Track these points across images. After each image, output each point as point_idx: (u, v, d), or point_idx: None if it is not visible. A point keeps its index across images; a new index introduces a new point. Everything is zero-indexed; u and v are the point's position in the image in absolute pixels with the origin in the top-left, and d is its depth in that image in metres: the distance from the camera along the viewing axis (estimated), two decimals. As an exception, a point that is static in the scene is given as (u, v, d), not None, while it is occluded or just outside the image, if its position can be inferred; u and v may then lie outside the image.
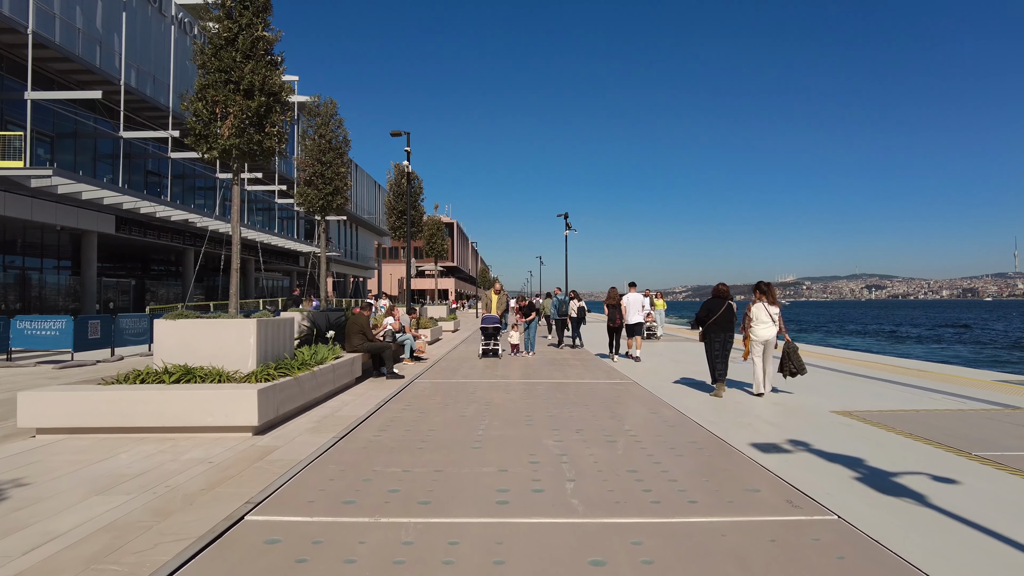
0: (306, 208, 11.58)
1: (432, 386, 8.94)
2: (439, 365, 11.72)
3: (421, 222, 21.05)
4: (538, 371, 10.78)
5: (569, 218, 30.30)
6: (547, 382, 9.36)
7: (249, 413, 5.67)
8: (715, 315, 8.14)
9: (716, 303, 8.29)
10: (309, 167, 11.47)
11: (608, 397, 7.96)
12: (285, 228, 44.41)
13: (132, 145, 26.42)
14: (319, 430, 6.00)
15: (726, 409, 7.25)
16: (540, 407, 7.17)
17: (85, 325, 12.87)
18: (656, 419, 6.52)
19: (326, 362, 7.93)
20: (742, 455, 4.99)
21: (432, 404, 7.39)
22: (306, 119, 11.80)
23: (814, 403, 7.56)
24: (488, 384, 9.12)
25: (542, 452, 5.03)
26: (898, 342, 42.90)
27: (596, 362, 12.34)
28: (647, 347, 15.63)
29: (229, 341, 6.57)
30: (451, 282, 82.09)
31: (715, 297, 8.38)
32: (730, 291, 8.46)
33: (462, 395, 8.08)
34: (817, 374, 10.33)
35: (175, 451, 5.13)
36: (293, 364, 7.00)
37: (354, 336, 9.47)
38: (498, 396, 7.98)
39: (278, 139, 7.29)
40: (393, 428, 6.01)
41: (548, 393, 8.25)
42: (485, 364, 11.77)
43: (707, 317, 8.22)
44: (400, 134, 15.56)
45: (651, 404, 7.47)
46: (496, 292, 13.52)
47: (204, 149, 7.04)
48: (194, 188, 33.51)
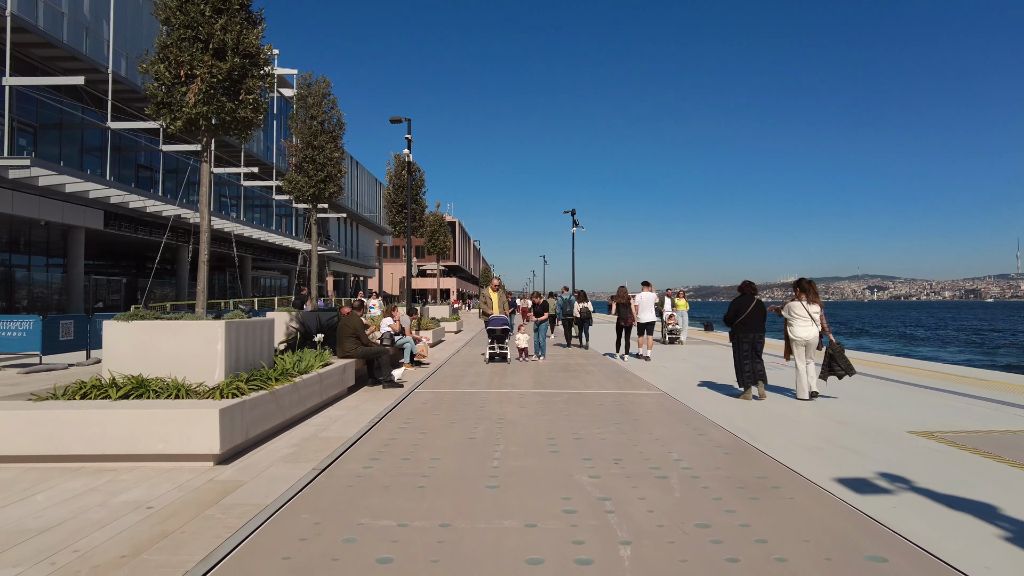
0: (295, 197, 10.48)
1: (435, 397, 7.84)
2: (442, 371, 10.62)
3: (422, 217, 19.92)
4: (552, 379, 9.67)
5: (575, 215, 29.18)
6: (565, 392, 8.25)
7: (209, 438, 4.57)
8: (744, 313, 7.57)
9: (745, 300, 7.70)
10: (299, 152, 10.37)
11: (639, 412, 6.84)
12: (284, 225, 43.38)
13: (122, 137, 25.39)
14: (297, 458, 4.90)
15: (779, 425, 6.16)
16: (562, 425, 6.06)
17: (56, 326, 11.79)
18: (705, 442, 5.41)
19: (312, 371, 6.84)
20: (835, 498, 3.88)
21: (435, 421, 6.28)
22: (297, 101, 10.69)
23: (877, 418, 6.45)
24: (498, 395, 8.02)
25: (577, 494, 3.92)
26: (920, 343, 41.57)
27: (611, 366, 11.23)
28: (669, 352, 14.52)
29: (192, 347, 5.47)
30: (453, 281, 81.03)
31: (743, 294, 7.79)
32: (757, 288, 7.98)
33: (470, 409, 6.98)
34: (858, 381, 9.23)
35: (111, 489, 4.03)
36: (271, 374, 5.91)
37: (346, 340, 8.37)
38: (511, 411, 6.88)
39: (254, 108, 6.19)
40: (388, 455, 4.91)
41: (568, 407, 7.14)
42: (493, 370, 10.66)
43: (736, 316, 7.63)
44: (400, 121, 14.46)
45: (691, 420, 6.36)
46: (494, 289, 11.98)
47: (167, 119, 5.95)
48: (189, 183, 32.42)
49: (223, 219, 30.77)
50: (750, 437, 5.59)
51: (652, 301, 12.54)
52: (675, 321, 16.64)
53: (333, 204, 46.83)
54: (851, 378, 7.67)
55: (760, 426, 6.17)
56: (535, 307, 12.69)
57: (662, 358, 12.91)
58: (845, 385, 9.06)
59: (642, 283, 12.89)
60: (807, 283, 7.72)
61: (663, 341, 16.42)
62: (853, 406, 7.26)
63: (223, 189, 35.16)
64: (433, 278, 59.83)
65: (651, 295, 12.59)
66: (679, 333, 16.65)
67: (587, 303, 15.62)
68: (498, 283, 12.18)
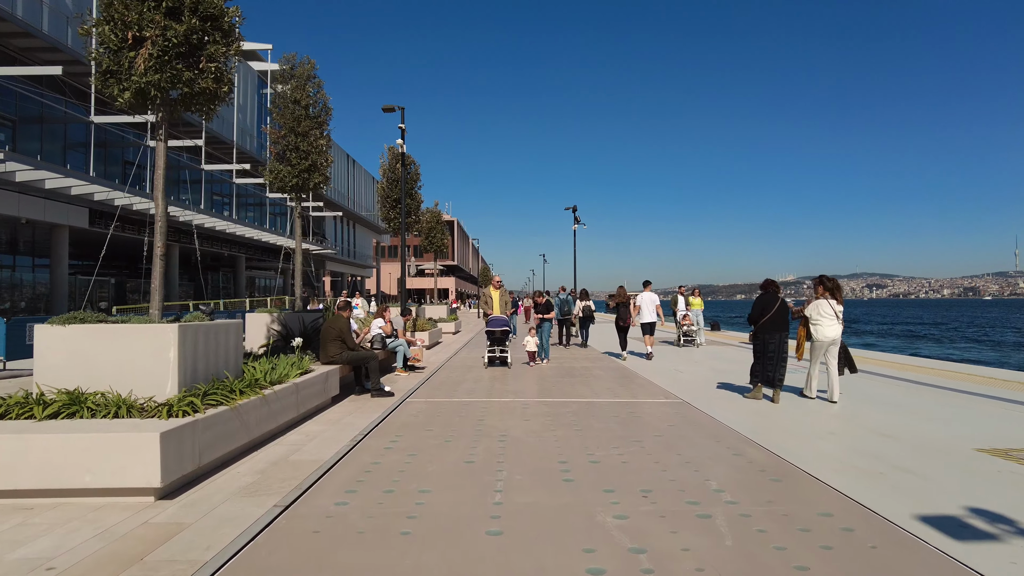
0: (277, 187, 9.63)
1: (428, 408, 7.00)
2: (438, 377, 9.78)
3: (418, 213, 19.07)
4: (558, 386, 8.84)
5: (577, 211, 28.35)
6: (573, 402, 7.42)
7: (147, 468, 3.74)
8: (770, 312, 7.28)
9: (769, 299, 7.41)
10: (281, 139, 9.53)
11: (661, 426, 6.01)
12: (279, 224, 42.54)
13: (108, 133, 24.54)
14: (258, 489, 4.06)
15: (817, 439, 5.36)
16: (575, 444, 5.23)
17: (22, 328, 10.97)
18: (743, 464, 4.59)
19: (287, 380, 6.00)
20: (930, 548, 3.05)
21: (427, 439, 5.45)
22: (280, 84, 9.83)
23: (929, 431, 5.63)
24: (500, 405, 7.18)
25: (603, 543, 3.09)
26: (935, 343, 40.75)
27: (619, 370, 10.41)
28: (686, 355, 13.71)
29: (140, 355, 4.63)
30: (451, 281, 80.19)
31: (767, 293, 7.52)
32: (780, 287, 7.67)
33: (467, 423, 6.14)
34: (886, 384, 8.42)
35: (12, 538, 3.20)
36: (236, 386, 5.07)
37: (330, 344, 7.53)
38: (515, 425, 6.04)
39: (217, 79, 5.35)
40: (368, 486, 4.07)
41: (579, 420, 6.31)
42: (492, 375, 9.82)
43: (762, 315, 7.33)
44: (393, 109, 13.60)
45: (720, 435, 5.54)
46: (496, 287, 11.26)
47: (115, 89, 5.11)
48: (178, 181, 31.55)
49: (214, 217, 29.92)
50: (793, 456, 4.77)
51: (653, 301, 12.51)
52: (690, 321, 15.17)
53: (329, 203, 45.96)
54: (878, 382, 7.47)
55: (798, 441, 5.35)
56: (537, 306, 11.83)
57: (676, 361, 12.09)
58: (870, 389, 8.28)
59: (643, 283, 12.92)
60: (830, 280, 7.40)
61: (677, 344, 15.22)
62: (891, 415, 6.47)
63: (215, 187, 34.29)
64: (431, 278, 58.74)
65: (652, 295, 12.56)
66: (695, 335, 15.15)
67: (589, 302, 15.61)
68: (499, 281, 11.35)
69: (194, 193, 31.79)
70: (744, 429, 5.80)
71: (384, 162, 18.87)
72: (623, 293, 12.71)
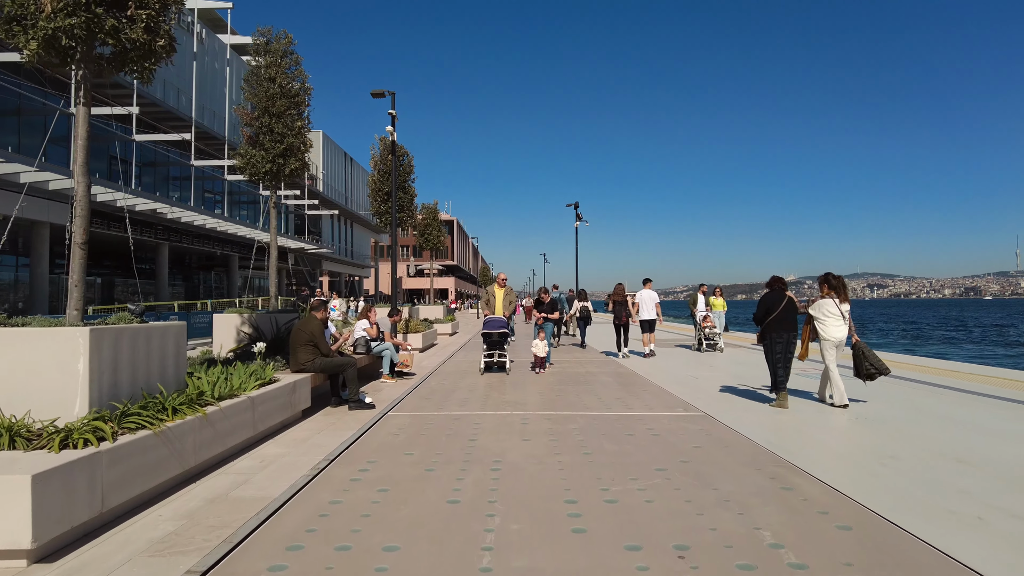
0: (249, 174, 8.67)
1: (412, 424, 6.05)
2: (428, 384, 8.83)
3: (411, 207, 18.05)
4: (561, 394, 7.88)
5: (578, 208, 27.42)
6: (580, 415, 6.46)
7: (15, 523, 2.79)
8: (776, 312, 6.88)
9: (775, 297, 6.99)
10: (254, 120, 8.58)
11: (685, 447, 5.06)
12: (272, 223, 41.50)
13: (92, 126, 23.54)
14: (174, 544, 3.11)
15: (889, 471, 4.38)
16: (585, 475, 4.27)
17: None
18: (799, 504, 3.63)
19: (241, 393, 5.05)
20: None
21: (405, 467, 4.49)
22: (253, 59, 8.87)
23: (1010, 456, 4.67)
24: (495, 420, 6.22)
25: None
26: (949, 344, 39.65)
27: (630, 377, 9.45)
28: (707, 360, 12.76)
29: (43, 366, 3.69)
30: (451, 281, 79.24)
31: (772, 291, 7.11)
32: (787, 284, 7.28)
33: (456, 443, 5.19)
34: (926, 393, 7.48)
35: None
36: (171, 403, 4.12)
37: (300, 349, 6.58)
38: (512, 446, 5.09)
39: (149, 28, 4.40)
40: (318, 541, 3.12)
41: (588, 439, 5.36)
42: (489, 383, 8.86)
43: (767, 314, 6.93)
44: (383, 94, 12.61)
45: (762, 461, 4.58)
46: (500, 286, 10.40)
47: (21, 40, 4.17)
48: (168, 177, 30.63)
49: (204, 215, 28.99)
50: (857, 492, 3.81)
51: (652, 299, 12.49)
52: (711, 323, 13.62)
53: (325, 201, 45.04)
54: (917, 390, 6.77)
55: (855, 468, 4.41)
56: (541, 304, 10.76)
57: (691, 366, 11.14)
58: (914, 398, 7.34)
59: (643, 280, 12.84)
60: (835, 279, 7.02)
61: (698, 348, 13.70)
62: (952, 432, 5.54)
63: (207, 184, 33.38)
64: (431, 277, 57.39)
65: (651, 293, 12.52)
66: (717, 339, 13.56)
67: (587, 302, 15.80)
68: (505, 279, 10.35)
69: (184, 190, 30.87)
70: (784, 451, 4.86)
71: (375, 153, 17.87)
72: (621, 291, 12.64)
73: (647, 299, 12.46)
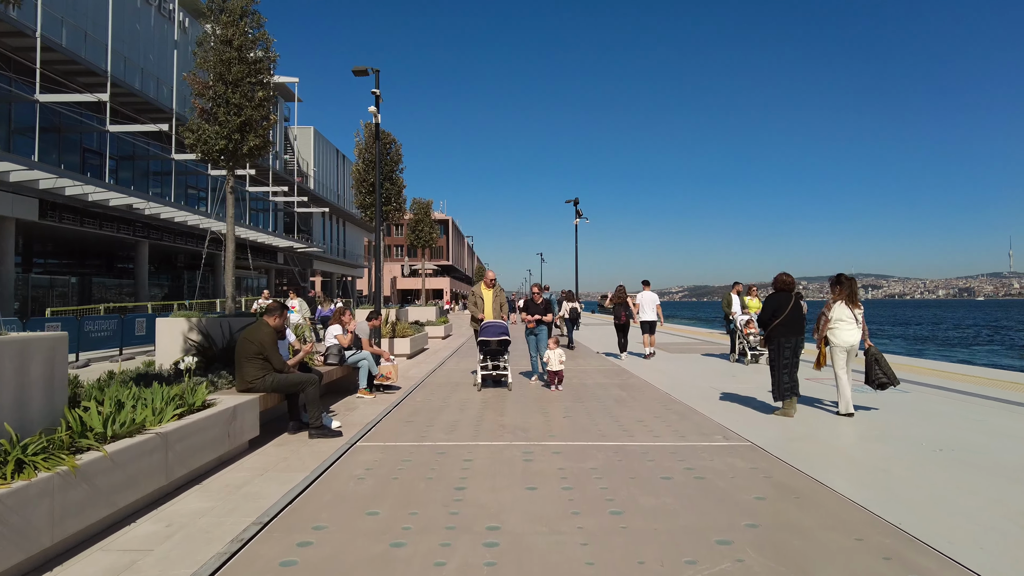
0: (200, 153, 7.35)
1: (384, 461, 4.74)
2: (413, 401, 7.53)
3: (399, 198, 16.63)
4: (572, 414, 6.59)
5: (578, 204, 26.17)
6: (598, 447, 5.17)
7: None
8: (783, 314, 6.45)
9: (782, 299, 6.58)
10: (207, 89, 7.26)
11: (745, 499, 3.78)
12: (261, 220, 40.22)
13: (61, 116, 22.15)
14: None
15: (1010, 525, 3.13)
16: (621, 557, 2.97)
17: None
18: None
19: (152, 427, 3.74)
20: None
21: (362, 540, 3.19)
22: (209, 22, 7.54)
23: None
24: (490, 455, 4.92)
25: None
26: (959, 346, 38.42)
27: (645, 389, 8.18)
28: (733, 371, 11.52)
29: None
30: (446, 281, 77.86)
31: (779, 291, 6.70)
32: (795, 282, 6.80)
33: (437, 496, 3.88)
34: (950, 400, 6.25)
35: None
36: (15, 455, 2.82)
37: (247, 364, 5.27)
38: (513, 502, 3.79)
39: None
40: None
41: (614, 485, 4.06)
42: (485, 400, 7.53)
43: (774, 317, 6.51)
44: (366, 72, 11.29)
45: (855, 523, 3.31)
46: (488, 286, 8.72)
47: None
48: (148, 172, 29.20)
49: (185, 211, 27.56)
50: None
51: (653, 301, 12.49)
52: (755, 328, 11.17)
53: (316, 199, 43.61)
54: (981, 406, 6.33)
55: (997, 538, 3.14)
56: (532, 306, 8.90)
57: (716, 378, 9.86)
58: (986, 417, 6.10)
59: (642, 282, 12.80)
60: (847, 279, 6.59)
61: (738, 359, 11.66)
62: (1012, 450, 4.26)
63: (189, 179, 31.94)
64: (429, 277, 55.68)
65: (652, 295, 12.51)
66: (758, 347, 11.15)
67: (575, 303, 15.82)
68: (494, 279, 8.83)
69: (165, 186, 29.45)
70: (880, 506, 3.59)
71: (360, 140, 16.47)
72: (622, 292, 12.64)
73: (648, 301, 12.46)
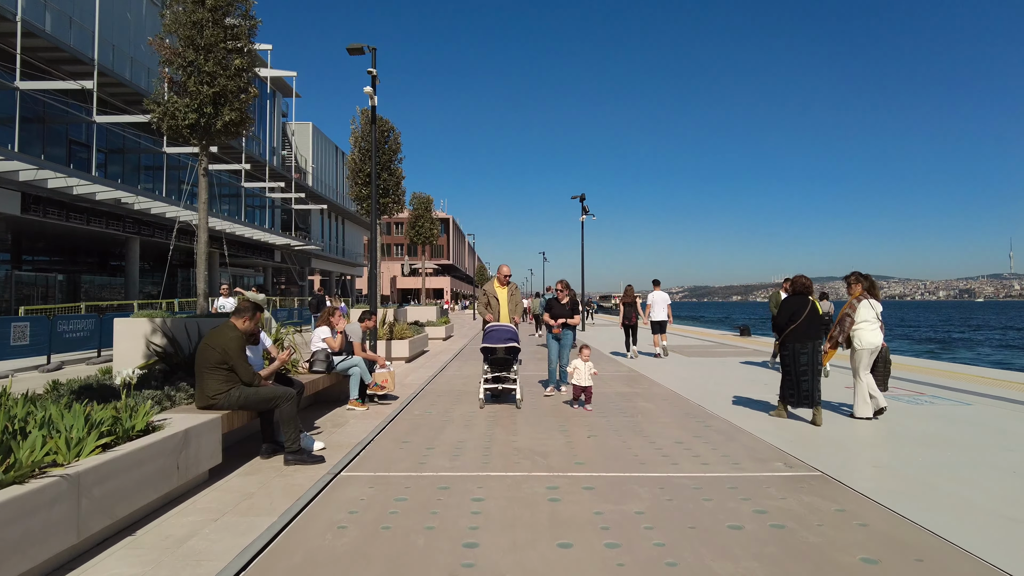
0: (167, 128, 6.37)
1: (373, 502, 3.76)
2: (410, 414, 6.57)
3: (397, 190, 15.57)
4: (599, 433, 5.63)
5: (584, 200, 25.21)
6: (639, 480, 4.20)
7: None
8: (800, 319, 6.17)
9: (798, 302, 6.27)
10: (176, 56, 6.31)
11: (851, 565, 2.83)
12: (257, 217, 39.27)
13: (45, 105, 21.19)
14: None
15: None
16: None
17: None
18: None
19: (42, 473, 2.78)
20: None
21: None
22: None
23: None
24: (506, 491, 3.95)
25: None
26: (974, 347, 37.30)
27: (671, 399, 7.21)
28: (767, 377, 10.57)
29: None
30: (446, 281, 76.87)
31: (796, 294, 6.38)
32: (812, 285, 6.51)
33: (440, 558, 2.90)
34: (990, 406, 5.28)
35: None
36: None
37: (209, 375, 4.31)
38: (544, 569, 2.84)
39: None
40: None
41: (671, 539, 3.10)
42: (493, 418, 6.46)
43: (790, 321, 6.21)
44: (361, 50, 10.29)
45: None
46: (502, 283, 7.57)
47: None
48: (139, 167, 28.24)
49: (175, 206, 26.61)
50: None
51: (664, 300, 12.50)
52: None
53: (313, 195, 42.63)
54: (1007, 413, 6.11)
55: None
56: (554, 306, 7.71)
57: (747, 386, 8.89)
58: None
59: (652, 282, 12.80)
60: (864, 277, 6.42)
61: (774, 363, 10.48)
62: None
63: (182, 174, 30.96)
64: (429, 276, 54.22)
65: (663, 295, 12.52)
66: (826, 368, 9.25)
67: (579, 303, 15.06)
68: (508, 275, 7.58)
69: (157, 180, 28.50)
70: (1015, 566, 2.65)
71: (356, 128, 15.42)
72: (630, 292, 12.85)
73: (659, 300, 12.46)
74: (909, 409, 6.80)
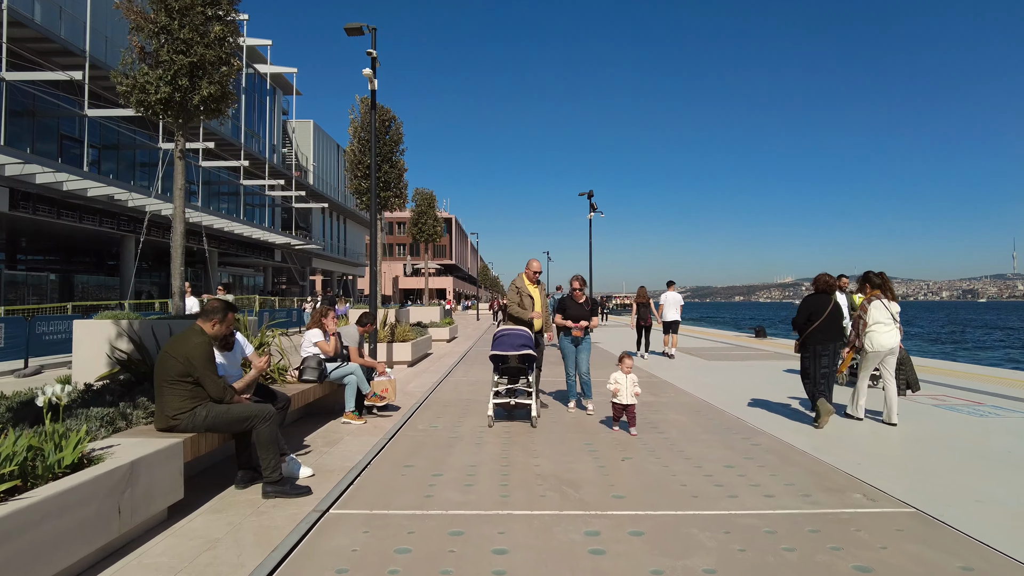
0: (136, 103, 5.60)
1: (369, 553, 2.97)
2: (413, 429, 5.79)
3: (399, 183, 14.76)
4: (635, 456, 4.83)
5: (592, 198, 24.44)
6: (697, 519, 3.42)
7: None
8: (821, 318, 5.79)
9: (820, 301, 5.91)
10: (146, 23, 5.55)
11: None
12: (257, 216, 38.56)
13: (36, 99, 20.48)
14: None
15: None
16: None
17: None
18: None
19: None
20: None
21: None
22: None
23: None
24: (535, 536, 3.17)
25: None
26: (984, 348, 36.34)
27: (712, 414, 6.43)
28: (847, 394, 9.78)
29: None
30: (449, 281, 76.11)
31: (818, 292, 6.01)
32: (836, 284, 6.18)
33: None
34: None
35: None
36: None
37: (169, 390, 3.54)
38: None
39: None
40: None
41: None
42: (508, 437, 5.58)
43: (810, 321, 5.85)
44: (360, 31, 9.50)
45: None
46: (532, 281, 6.67)
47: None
48: (135, 163, 27.54)
49: (170, 203, 25.91)
50: None
51: (677, 301, 12.59)
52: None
53: (314, 194, 41.87)
54: None
55: None
56: (571, 306, 6.70)
57: (778, 393, 8.09)
58: None
59: (667, 283, 12.91)
60: (877, 276, 6.14)
61: (847, 383, 7.80)
62: None
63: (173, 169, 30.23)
64: (432, 275, 52.89)
65: (676, 295, 12.60)
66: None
67: None
68: (539, 270, 6.67)
69: (152, 176, 27.78)
70: None
71: (355, 118, 14.61)
72: (643, 294, 13.10)
73: (672, 301, 12.52)
74: (975, 423, 6.01)
